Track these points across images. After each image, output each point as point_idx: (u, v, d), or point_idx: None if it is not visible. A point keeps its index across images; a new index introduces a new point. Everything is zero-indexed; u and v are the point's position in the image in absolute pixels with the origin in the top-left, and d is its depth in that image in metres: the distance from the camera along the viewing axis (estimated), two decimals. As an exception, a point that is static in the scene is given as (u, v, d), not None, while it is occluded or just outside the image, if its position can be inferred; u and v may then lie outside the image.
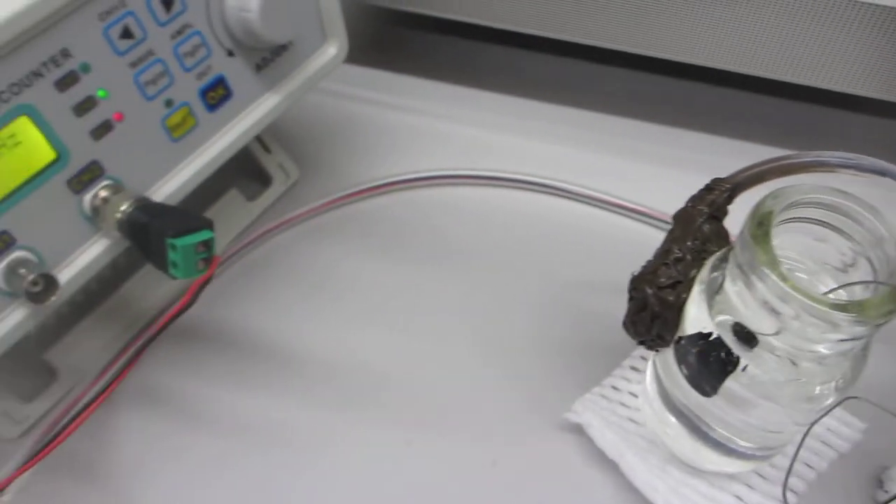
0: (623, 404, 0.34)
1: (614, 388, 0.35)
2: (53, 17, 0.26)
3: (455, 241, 0.40)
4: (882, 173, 0.27)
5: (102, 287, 0.37)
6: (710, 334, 0.26)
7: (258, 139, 0.41)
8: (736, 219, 0.27)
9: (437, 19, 0.45)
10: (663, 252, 0.30)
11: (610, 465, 0.32)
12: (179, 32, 0.30)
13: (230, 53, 0.32)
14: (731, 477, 0.32)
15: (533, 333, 0.37)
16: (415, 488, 0.32)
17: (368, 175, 0.42)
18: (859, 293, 0.25)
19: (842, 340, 0.23)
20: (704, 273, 0.28)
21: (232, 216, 0.40)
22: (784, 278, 0.23)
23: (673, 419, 0.31)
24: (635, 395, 0.34)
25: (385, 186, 0.42)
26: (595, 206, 0.42)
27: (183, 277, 0.26)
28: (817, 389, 0.25)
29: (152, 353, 0.36)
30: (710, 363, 0.27)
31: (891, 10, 0.36)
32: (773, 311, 0.23)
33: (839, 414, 0.33)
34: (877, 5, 0.36)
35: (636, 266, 0.31)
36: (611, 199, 0.41)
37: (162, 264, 0.26)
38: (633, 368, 0.35)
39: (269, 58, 0.34)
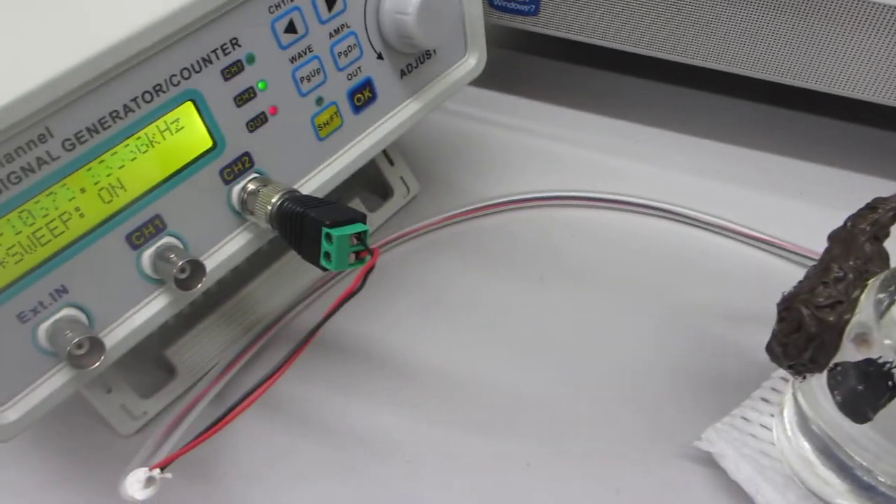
0: (754, 436, 0.32)
1: (744, 418, 0.33)
2: (228, 5, 0.26)
3: (574, 262, 0.39)
4: None
5: (222, 289, 0.37)
6: (878, 358, 0.24)
7: (383, 151, 0.40)
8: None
9: (553, 44, 0.45)
10: (822, 271, 0.28)
11: (741, 499, 0.30)
12: (337, 31, 0.30)
13: (380, 56, 0.32)
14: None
15: (655, 358, 0.35)
16: (537, 516, 0.31)
17: (486, 193, 0.42)
18: None
19: None
20: (870, 294, 0.26)
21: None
22: None
23: (812, 452, 0.29)
24: (767, 428, 0.32)
25: (504, 204, 0.41)
26: (716, 233, 0.40)
27: (335, 269, 0.25)
28: None
29: (267, 356, 0.36)
30: (874, 387, 0.25)
31: None
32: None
33: None
34: None
35: (762, 295, 0.29)
36: (732, 225, 0.40)
37: (313, 256, 0.26)
38: (764, 399, 0.33)
39: (413, 65, 0.33)
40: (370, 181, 0.41)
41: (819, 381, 0.27)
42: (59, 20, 0.25)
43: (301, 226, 0.26)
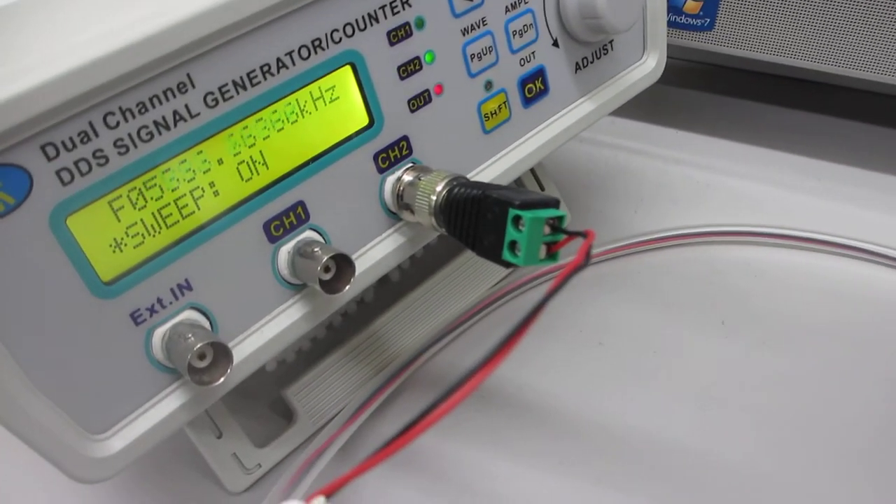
0: None
1: None
2: (398, -42, 0.22)
3: (761, 306, 0.32)
4: None
5: (349, 323, 0.31)
6: None
7: (535, 176, 0.35)
8: None
9: (701, 72, 0.39)
10: None
11: None
12: (515, 6, 0.25)
13: (555, 43, 0.27)
14: None
15: (885, 425, 0.27)
16: None
17: (648, 227, 0.36)
18: None
19: None
20: None
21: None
22: None
23: None
24: None
25: (672, 238, 0.35)
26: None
27: (522, 263, 0.20)
28: None
29: (402, 401, 0.30)
30: None
31: None
32: None
33: None
34: None
35: None
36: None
37: (494, 249, 0.20)
38: None
39: (589, 59, 0.28)
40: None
41: None
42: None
43: (479, 212, 0.21)
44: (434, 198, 0.22)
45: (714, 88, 0.46)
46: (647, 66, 0.30)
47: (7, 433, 0.18)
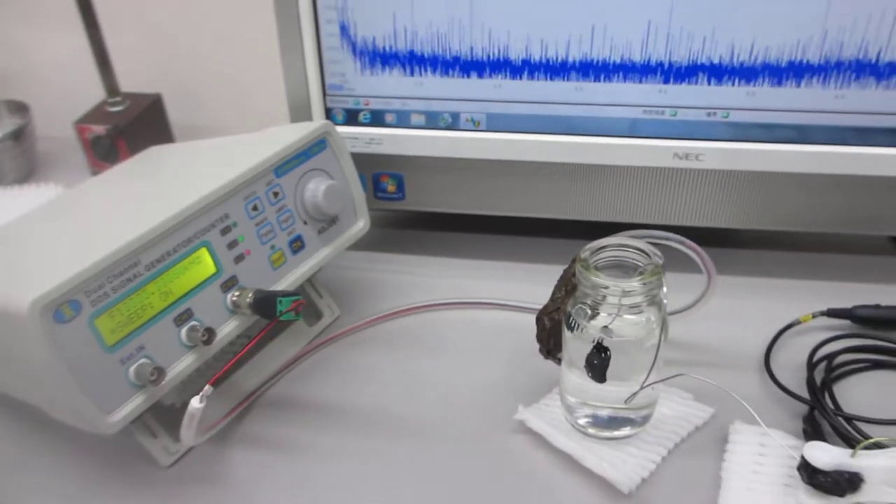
0: (547, 406, 0.54)
1: (546, 403, 0.55)
2: (223, 198, 0.51)
3: (445, 338, 0.62)
4: (667, 239, 0.50)
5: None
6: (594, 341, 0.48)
7: (313, 286, 0.64)
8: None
9: (402, 219, 0.71)
10: (551, 296, 0.52)
11: (548, 448, 0.51)
12: (280, 210, 0.55)
13: (305, 222, 0.57)
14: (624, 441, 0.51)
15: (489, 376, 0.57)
16: None
17: (380, 308, 0.65)
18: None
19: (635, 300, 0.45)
20: (573, 304, 0.50)
21: (299, 336, 0.63)
22: (603, 285, 0.45)
23: (568, 408, 0.51)
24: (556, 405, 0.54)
25: (397, 312, 0.65)
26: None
27: (286, 319, 0.48)
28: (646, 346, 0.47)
29: (252, 411, 0.57)
30: (602, 358, 0.47)
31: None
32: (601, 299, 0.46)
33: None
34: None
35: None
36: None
37: (273, 314, 0.49)
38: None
39: (325, 226, 0.59)
40: (310, 308, 0.65)
41: (565, 367, 0.51)
42: (135, 211, 0.50)
43: (267, 300, 0.49)
44: (249, 299, 0.51)
45: (412, 227, 0.78)
46: (359, 226, 0.61)
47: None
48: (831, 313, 0.61)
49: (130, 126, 0.87)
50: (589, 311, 0.48)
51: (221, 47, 0.97)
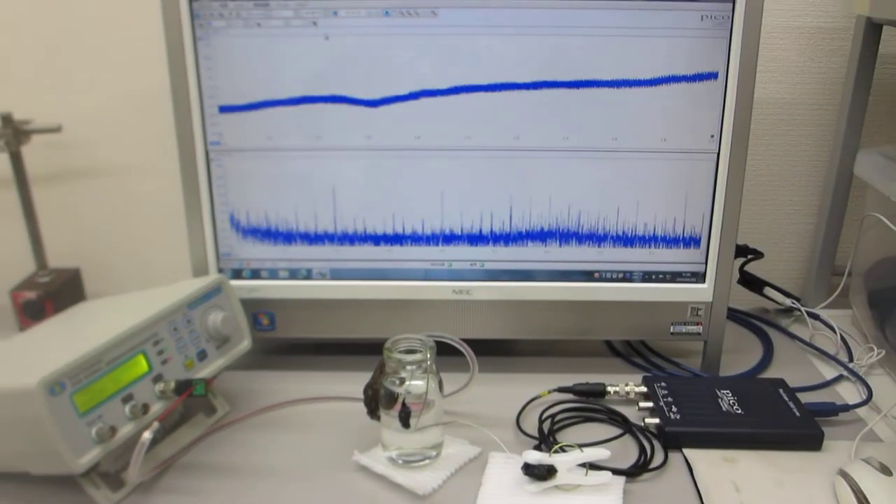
0: (374, 452, 0.82)
1: (373, 451, 0.83)
2: (155, 322, 0.79)
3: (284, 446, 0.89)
4: (442, 337, 0.83)
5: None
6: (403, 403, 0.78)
7: (210, 390, 0.91)
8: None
9: (285, 344, 1.00)
10: (372, 376, 0.83)
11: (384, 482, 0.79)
12: (191, 331, 0.83)
13: (208, 340, 0.85)
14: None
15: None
16: None
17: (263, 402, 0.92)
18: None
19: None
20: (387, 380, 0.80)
21: (201, 425, 0.88)
22: (399, 358, 0.77)
23: (388, 453, 0.80)
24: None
25: (272, 406, 0.92)
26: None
27: (199, 394, 0.75)
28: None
29: (172, 470, 0.81)
30: (404, 409, 0.78)
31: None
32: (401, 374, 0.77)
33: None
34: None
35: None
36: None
37: (188, 389, 0.75)
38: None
39: (220, 344, 0.87)
40: (207, 405, 0.90)
41: (384, 423, 0.80)
42: (91, 333, 0.77)
43: (186, 384, 0.76)
44: (173, 385, 0.77)
45: (281, 351, 1.07)
46: (244, 344, 0.90)
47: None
48: (560, 389, 0.95)
49: (56, 291, 1.13)
50: (397, 381, 0.78)
51: (133, 229, 1.26)
